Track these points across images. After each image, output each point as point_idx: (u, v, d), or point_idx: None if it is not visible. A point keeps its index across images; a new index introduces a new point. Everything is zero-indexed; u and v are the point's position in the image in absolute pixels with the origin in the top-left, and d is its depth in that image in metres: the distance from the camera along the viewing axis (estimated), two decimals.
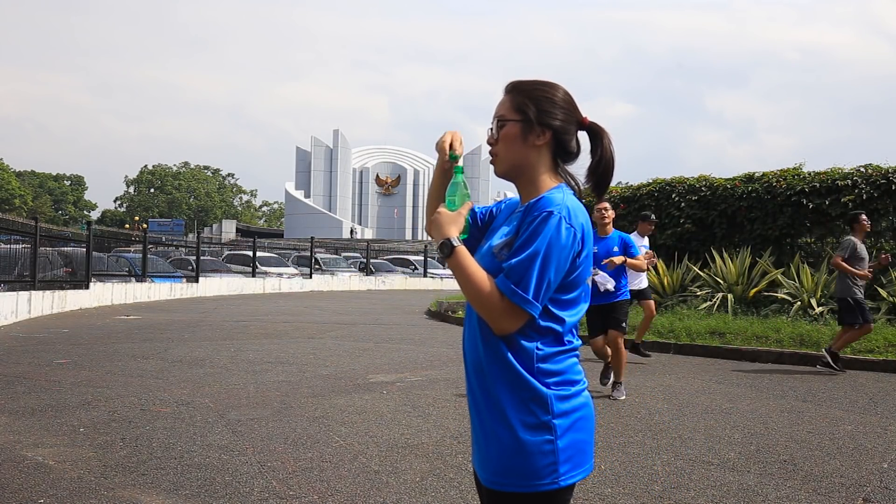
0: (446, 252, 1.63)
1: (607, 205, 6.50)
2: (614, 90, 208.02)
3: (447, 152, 1.80)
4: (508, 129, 1.73)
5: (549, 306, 1.62)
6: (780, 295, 10.75)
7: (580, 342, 1.73)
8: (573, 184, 1.75)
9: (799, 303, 10.33)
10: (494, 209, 1.91)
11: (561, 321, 1.64)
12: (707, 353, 9.13)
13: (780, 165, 14.66)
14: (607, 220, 6.41)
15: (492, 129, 1.76)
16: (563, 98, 1.74)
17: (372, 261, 33.10)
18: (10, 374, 7.22)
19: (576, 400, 1.64)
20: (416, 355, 8.87)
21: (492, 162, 1.79)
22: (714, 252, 11.89)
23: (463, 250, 1.62)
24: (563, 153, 1.74)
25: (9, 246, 14.33)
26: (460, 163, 1.80)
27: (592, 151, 1.76)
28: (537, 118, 1.71)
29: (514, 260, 1.58)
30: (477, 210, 1.88)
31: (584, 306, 1.71)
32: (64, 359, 8.28)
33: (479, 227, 1.86)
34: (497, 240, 1.69)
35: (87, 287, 16.93)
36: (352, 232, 61.74)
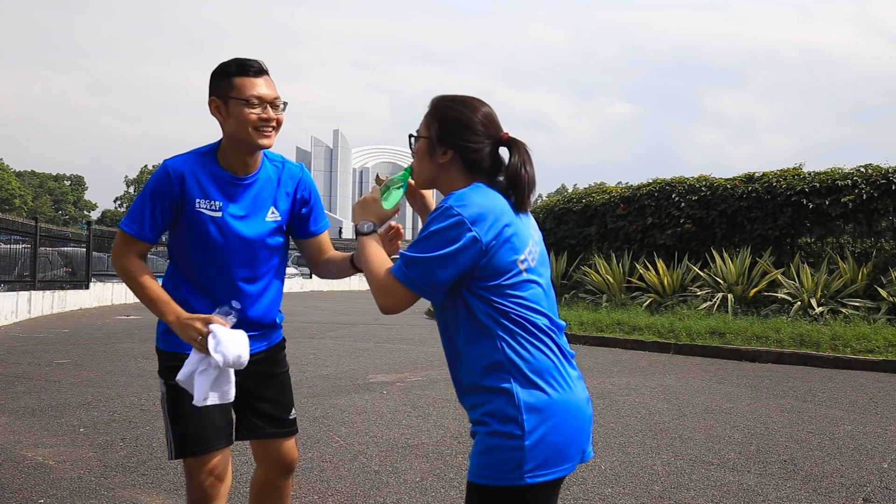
0: (366, 231, 1.80)
1: (264, 90, 2.20)
2: (614, 90, 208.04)
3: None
4: (419, 144, 1.80)
5: (483, 293, 1.66)
6: (780, 295, 10.74)
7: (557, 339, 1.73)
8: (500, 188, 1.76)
9: (799, 303, 10.33)
10: None
11: (504, 306, 1.65)
12: (707, 353, 9.13)
13: (780, 165, 14.68)
14: (269, 126, 2.21)
15: (410, 143, 1.83)
16: (471, 116, 1.76)
17: None
18: (10, 374, 7.22)
19: (549, 398, 1.64)
20: (416, 355, 8.87)
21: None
22: (714, 252, 11.89)
23: (377, 236, 1.81)
24: (475, 170, 1.77)
25: (9, 246, 14.34)
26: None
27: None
28: (438, 137, 1.76)
29: (408, 249, 1.67)
30: None
31: (534, 289, 1.70)
32: (64, 359, 8.28)
33: None
34: None
35: (87, 287, 16.94)
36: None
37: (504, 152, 1.79)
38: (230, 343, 2.09)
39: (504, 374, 1.63)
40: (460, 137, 1.75)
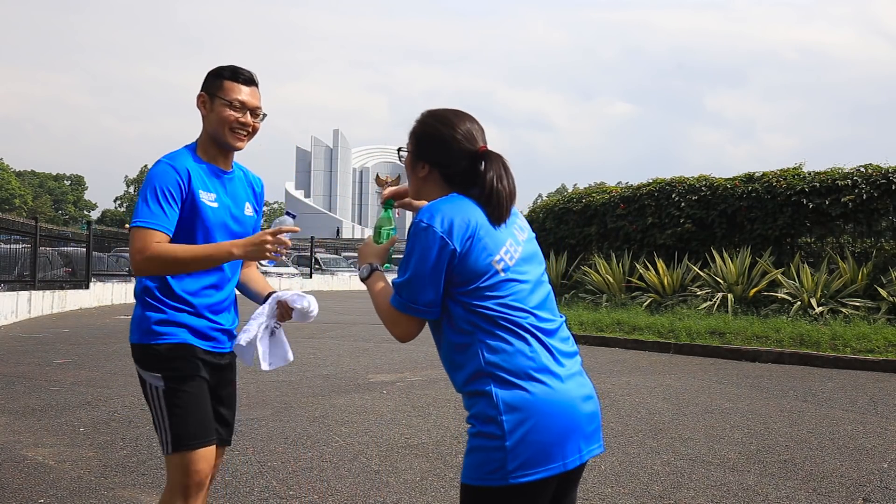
0: (365, 275, 1.86)
1: (248, 98, 2.35)
2: (614, 90, 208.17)
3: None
4: (406, 158, 1.86)
5: (463, 298, 1.67)
6: (780, 295, 10.74)
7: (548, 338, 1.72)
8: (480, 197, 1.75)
9: (799, 303, 10.32)
10: None
11: (484, 308, 1.66)
12: (707, 353, 9.13)
13: (780, 165, 14.68)
14: (245, 130, 2.36)
15: (399, 156, 1.89)
16: (446, 132, 1.78)
17: None
18: (10, 374, 7.22)
19: (531, 396, 1.63)
20: (416, 355, 8.87)
21: None
22: (714, 252, 11.88)
23: (379, 274, 1.86)
24: (454, 183, 1.78)
25: (9, 246, 14.33)
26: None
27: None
28: (414, 153, 1.81)
29: (397, 277, 1.73)
30: None
31: (516, 287, 1.70)
32: (64, 359, 8.28)
33: None
34: None
35: (87, 287, 16.94)
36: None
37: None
38: (311, 296, 2.20)
39: (485, 379, 1.65)
40: (435, 153, 1.78)
